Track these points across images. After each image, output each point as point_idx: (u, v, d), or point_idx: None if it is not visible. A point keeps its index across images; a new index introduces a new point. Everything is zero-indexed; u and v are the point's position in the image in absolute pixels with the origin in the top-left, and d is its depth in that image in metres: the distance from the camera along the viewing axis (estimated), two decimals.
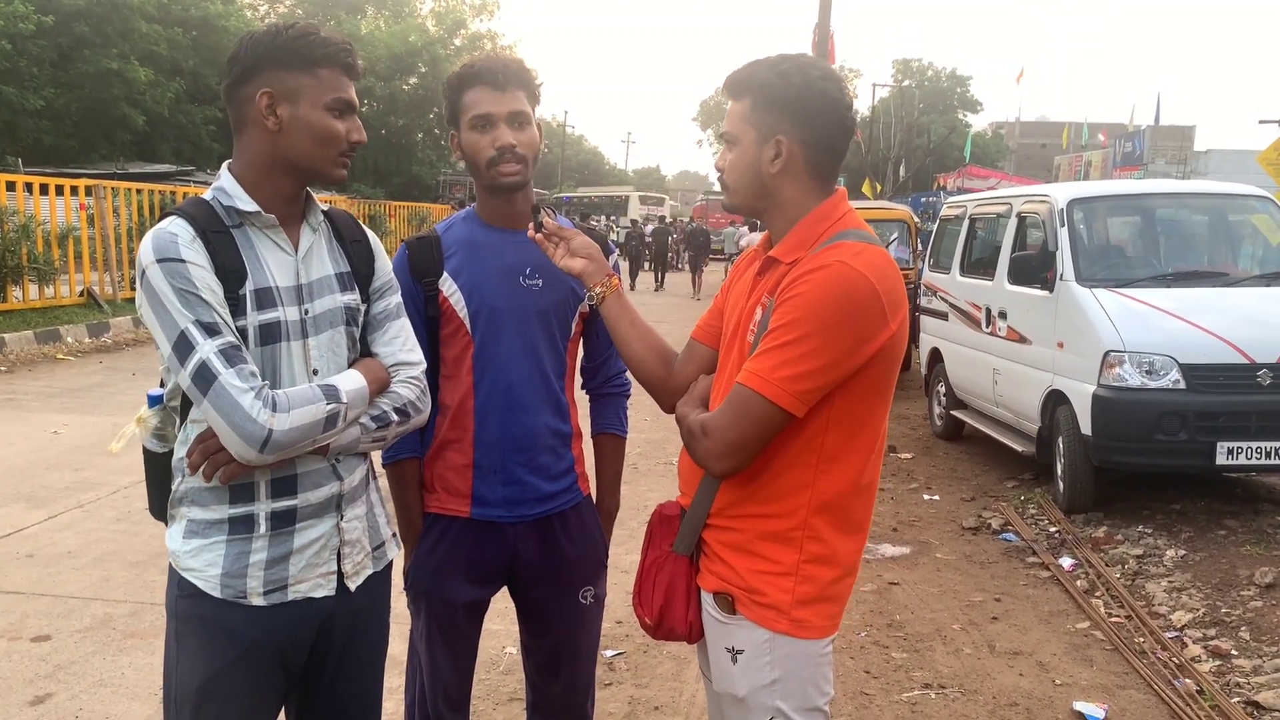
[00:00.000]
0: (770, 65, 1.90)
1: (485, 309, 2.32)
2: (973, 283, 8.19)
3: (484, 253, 2.34)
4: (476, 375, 2.33)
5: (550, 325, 2.37)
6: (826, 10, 17.35)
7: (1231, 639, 4.46)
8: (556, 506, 2.42)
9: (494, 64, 2.28)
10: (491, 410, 2.33)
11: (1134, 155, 38.43)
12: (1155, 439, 5.83)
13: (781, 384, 1.76)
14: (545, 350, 2.37)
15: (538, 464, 2.37)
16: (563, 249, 2.16)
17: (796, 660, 1.88)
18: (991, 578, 5.36)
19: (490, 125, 2.26)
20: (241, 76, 1.84)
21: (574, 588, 2.46)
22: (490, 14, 45.92)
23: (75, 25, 26.15)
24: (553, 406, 2.40)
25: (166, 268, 1.74)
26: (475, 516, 2.36)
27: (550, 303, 2.36)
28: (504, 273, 2.33)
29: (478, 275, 2.32)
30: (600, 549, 2.54)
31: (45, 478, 6.48)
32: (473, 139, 2.28)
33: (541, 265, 2.33)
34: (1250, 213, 7.36)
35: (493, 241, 2.35)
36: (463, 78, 2.30)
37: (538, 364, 2.36)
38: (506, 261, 2.34)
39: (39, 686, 3.75)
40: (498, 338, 2.32)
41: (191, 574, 1.85)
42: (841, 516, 1.88)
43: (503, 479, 2.35)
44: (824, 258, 1.80)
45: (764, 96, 1.88)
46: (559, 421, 2.41)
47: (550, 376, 2.39)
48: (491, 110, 2.25)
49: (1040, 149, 60.40)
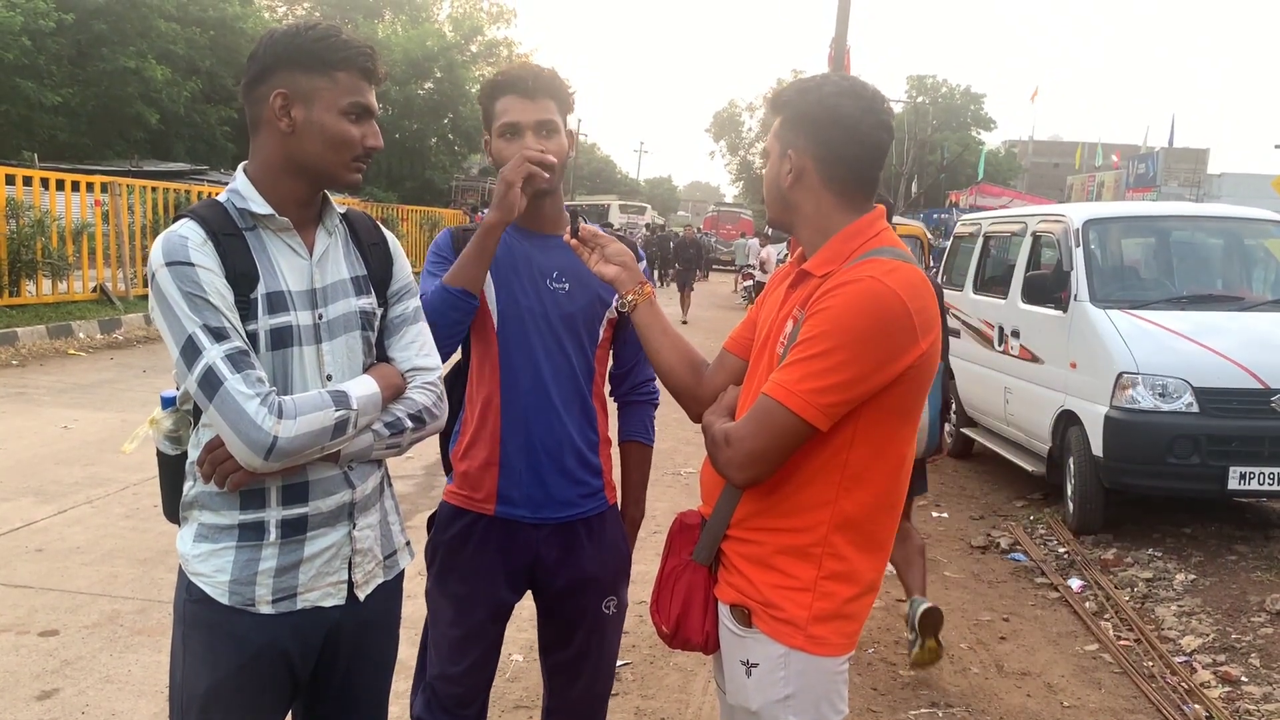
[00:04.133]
0: (798, 83, 1.96)
1: (513, 308, 2.33)
2: (986, 300, 8.17)
3: (514, 254, 2.36)
4: (504, 373, 2.34)
5: (578, 330, 2.38)
6: (844, 26, 17.36)
7: (1241, 665, 4.43)
8: (581, 512, 2.42)
9: (525, 73, 2.30)
10: (517, 410, 2.34)
11: (1147, 177, 38.30)
12: (1167, 462, 5.81)
13: (806, 396, 1.75)
14: (573, 354, 2.38)
15: (563, 467, 2.37)
16: (597, 255, 2.17)
17: (811, 677, 1.87)
18: (1000, 597, 5.33)
19: (517, 134, 2.28)
20: (258, 76, 1.82)
21: (598, 596, 2.46)
22: (507, 22, 46.17)
23: (94, 23, 26.26)
24: (579, 410, 2.40)
25: (175, 271, 1.73)
26: (499, 515, 2.37)
27: (577, 307, 2.37)
28: (532, 275, 2.35)
29: (507, 274, 2.34)
30: (624, 558, 2.54)
31: (55, 472, 6.49)
32: (501, 146, 2.30)
33: (569, 270, 2.35)
34: (1265, 237, 7.34)
35: (522, 244, 2.37)
36: (495, 85, 2.33)
37: (565, 367, 2.37)
38: (535, 264, 2.36)
39: (46, 681, 3.75)
40: (524, 338, 2.34)
41: (200, 579, 1.84)
42: (863, 534, 1.87)
43: (526, 479, 2.35)
44: (855, 272, 1.80)
45: (790, 113, 1.93)
46: (586, 426, 2.41)
47: (578, 380, 2.39)
48: (519, 119, 2.28)
49: (1053, 168, 60.28)
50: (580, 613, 2.45)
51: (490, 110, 2.33)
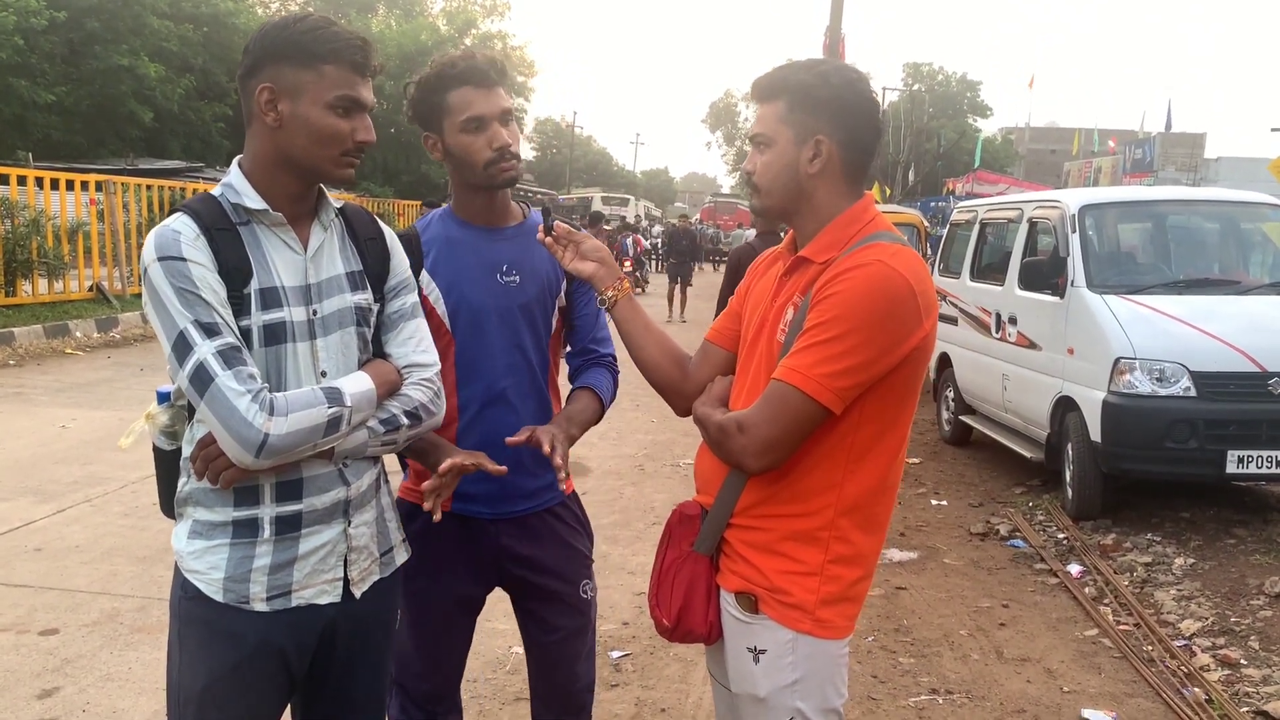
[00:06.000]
0: (807, 67, 1.91)
1: (464, 306, 2.30)
2: (983, 288, 8.17)
3: (460, 250, 2.32)
4: (460, 373, 2.31)
5: (534, 321, 2.36)
6: (838, 13, 17.34)
7: (1241, 648, 4.43)
8: (539, 505, 2.40)
9: (477, 63, 2.24)
10: (475, 407, 2.31)
11: (1144, 162, 38.25)
12: (1165, 446, 5.81)
13: (822, 380, 1.76)
14: (530, 346, 2.35)
15: (521, 461, 2.33)
16: (571, 252, 2.15)
17: (817, 660, 1.89)
18: (999, 584, 5.34)
19: (483, 126, 2.23)
20: (250, 69, 1.81)
21: (567, 583, 2.44)
22: (501, 14, 46.06)
23: (87, 21, 26.17)
24: (536, 402, 2.38)
25: (167, 266, 1.72)
26: (456, 511, 2.34)
27: (529, 298, 2.34)
28: (481, 270, 2.31)
29: (455, 272, 2.30)
30: (586, 544, 2.51)
31: (53, 472, 6.49)
32: (465, 141, 2.24)
33: (518, 262, 2.32)
34: (1262, 220, 7.33)
35: (469, 239, 2.33)
36: (444, 78, 2.24)
37: (522, 360, 2.34)
38: (483, 259, 2.32)
39: (46, 680, 3.75)
40: (480, 335, 2.30)
41: (195, 576, 1.83)
42: (867, 516, 1.89)
43: (485, 475, 2.28)
44: (862, 256, 1.80)
45: (802, 97, 1.88)
46: (543, 417, 2.37)
47: (534, 372, 2.37)
48: (484, 111, 2.22)
49: (1050, 155, 60.26)
50: (550, 600, 2.43)
51: (441, 104, 2.24)
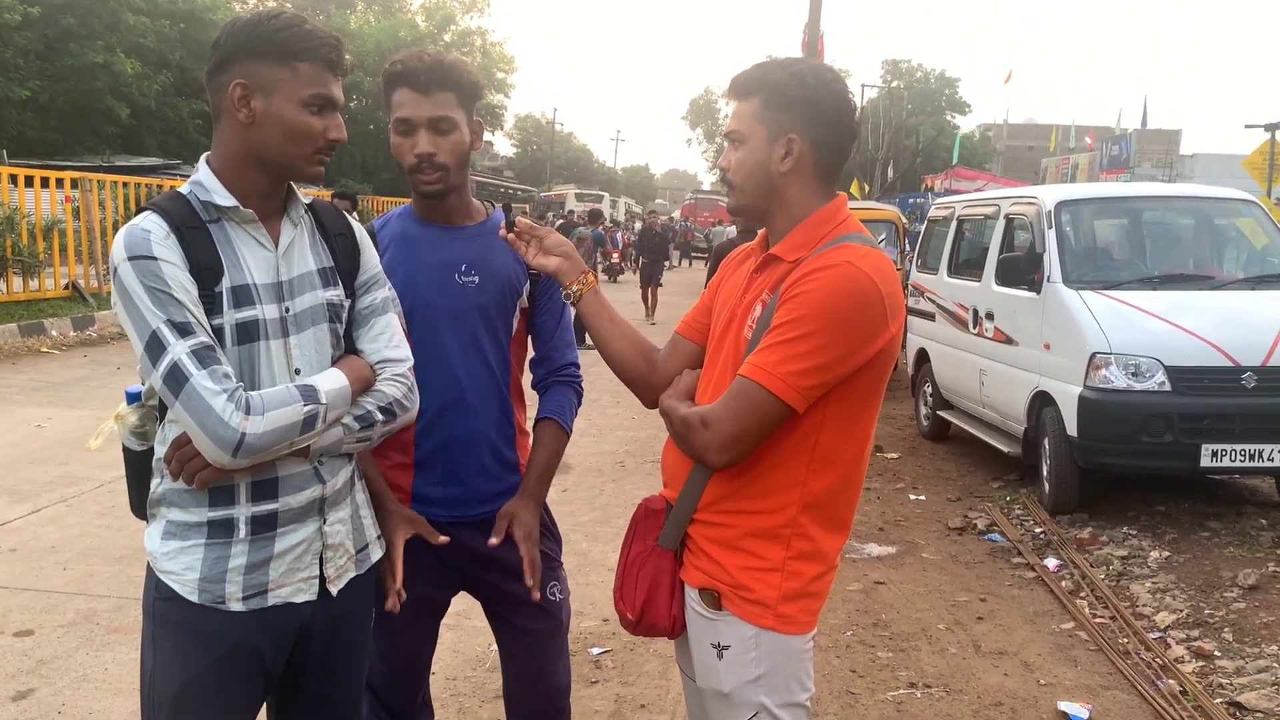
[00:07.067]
0: (782, 66, 1.92)
1: (420, 306, 2.27)
2: (960, 284, 8.21)
3: (417, 249, 2.29)
4: (417, 372, 2.26)
5: (492, 322, 2.32)
6: (817, 10, 17.37)
7: (1215, 640, 4.48)
8: (498, 508, 2.34)
9: (419, 64, 2.17)
10: (433, 409, 2.27)
11: (1120, 158, 38.54)
12: (1140, 441, 5.86)
13: (786, 378, 1.77)
14: (488, 347, 2.32)
15: (481, 464, 2.31)
16: (535, 248, 2.13)
17: (781, 656, 1.89)
18: (977, 578, 5.37)
19: (410, 131, 2.19)
20: (220, 64, 1.79)
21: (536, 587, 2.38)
22: (481, 11, 45.88)
23: (62, 17, 25.90)
24: (497, 405, 2.35)
25: (138, 265, 1.70)
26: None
27: (488, 299, 2.31)
28: (438, 269, 2.28)
29: (411, 271, 2.27)
30: (553, 546, 2.46)
31: (28, 472, 6.44)
32: (396, 143, 2.22)
33: (477, 261, 2.29)
34: (1236, 216, 7.40)
35: (427, 238, 2.31)
36: (388, 76, 2.21)
37: (480, 361, 2.31)
38: (441, 258, 2.29)
39: (21, 681, 3.72)
40: (437, 335, 2.27)
41: (169, 577, 1.81)
42: (828, 514, 1.90)
43: (443, 479, 2.30)
44: (831, 257, 1.81)
45: (777, 95, 1.89)
46: (503, 421, 2.35)
47: (494, 374, 2.33)
48: (412, 115, 2.18)
49: (1028, 151, 60.53)
50: (518, 604, 2.37)
51: (389, 100, 2.21)
